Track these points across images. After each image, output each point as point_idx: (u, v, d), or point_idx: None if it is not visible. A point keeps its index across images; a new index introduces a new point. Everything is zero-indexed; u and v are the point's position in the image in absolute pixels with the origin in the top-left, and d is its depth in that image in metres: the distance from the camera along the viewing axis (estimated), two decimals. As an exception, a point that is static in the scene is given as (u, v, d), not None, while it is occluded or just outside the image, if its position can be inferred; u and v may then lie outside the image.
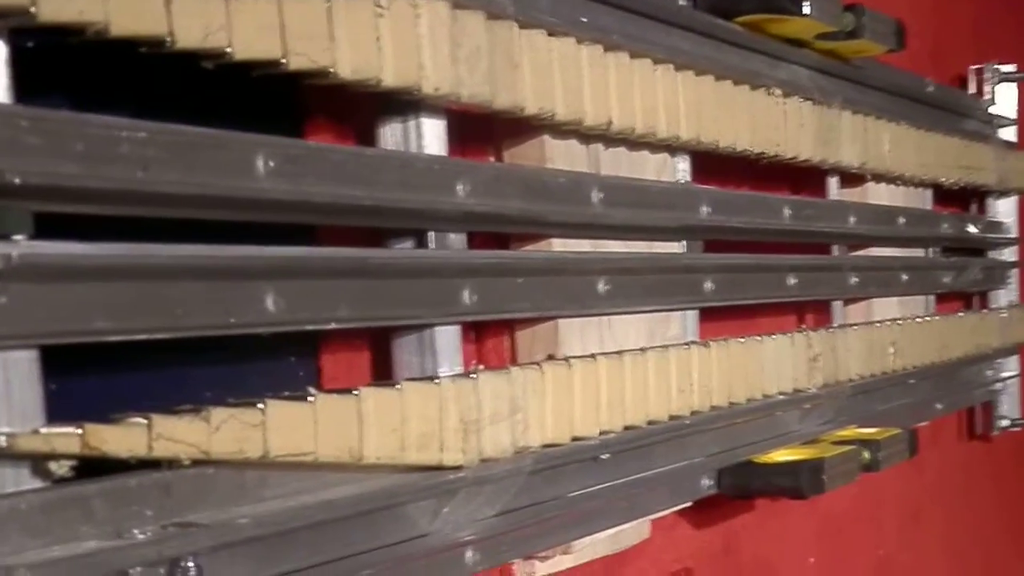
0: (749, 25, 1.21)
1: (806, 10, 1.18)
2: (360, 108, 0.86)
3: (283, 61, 0.72)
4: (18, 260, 0.60)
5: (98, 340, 0.65)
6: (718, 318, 1.26)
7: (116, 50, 0.65)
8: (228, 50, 0.69)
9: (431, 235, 0.87)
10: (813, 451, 1.30)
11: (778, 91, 1.26)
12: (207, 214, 0.71)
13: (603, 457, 1.00)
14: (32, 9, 0.59)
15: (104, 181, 0.64)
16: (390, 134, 0.86)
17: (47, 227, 0.63)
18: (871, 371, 1.48)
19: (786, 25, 1.23)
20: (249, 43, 0.70)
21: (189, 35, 0.67)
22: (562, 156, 1.00)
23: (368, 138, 0.87)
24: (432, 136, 0.86)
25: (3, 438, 0.61)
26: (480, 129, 0.97)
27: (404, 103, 0.85)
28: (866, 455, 1.33)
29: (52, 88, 0.67)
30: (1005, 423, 2.06)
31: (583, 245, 1.02)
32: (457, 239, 0.88)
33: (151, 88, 0.74)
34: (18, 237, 0.61)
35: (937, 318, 1.73)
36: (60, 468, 0.64)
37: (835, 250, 1.47)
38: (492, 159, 0.99)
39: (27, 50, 0.64)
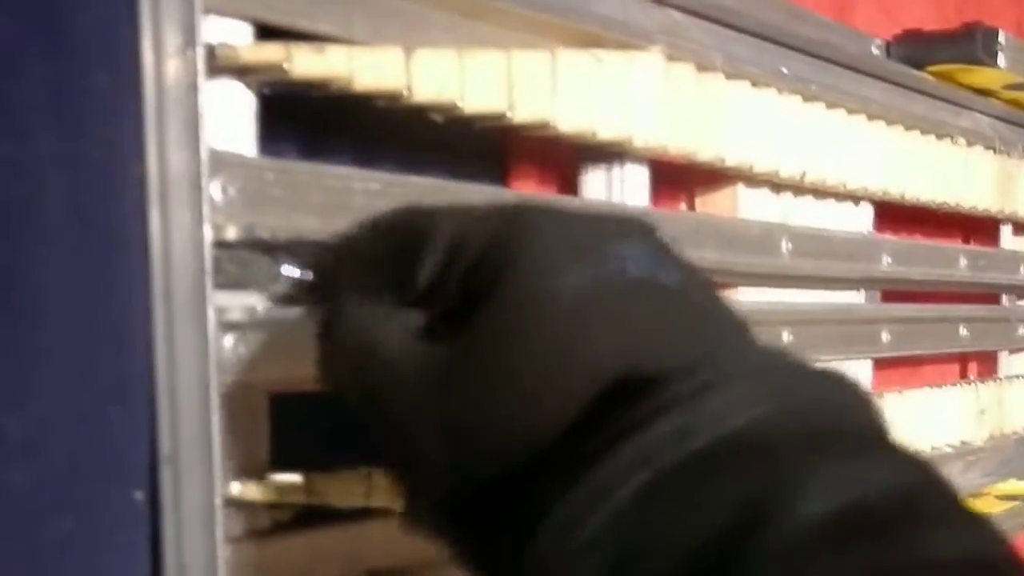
0: (939, 75, 1.19)
1: (1001, 62, 1.17)
2: (563, 153, 0.86)
3: (508, 114, 0.73)
4: (262, 313, 0.61)
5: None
6: (887, 367, 1.25)
7: (334, 100, 0.66)
8: (459, 104, 0.70)
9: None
10: (977, 505, 1.27)
11: (961, 140, 1.24)
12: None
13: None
14: (286, 66, 0.60)
15: (338, 232, 0.64)
16: (593, 181, 0.86)
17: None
18: (1035, 424, 1.45)
19: (976, 75, 1.21)
20: (478, 96, 0.71)
21: (425, 90, 0.67)
22: (753, 205, 0.99)
23: (570, 183, 0.87)
24: (635, 185, 0.86)
25: (237, 485, 0.62)
26: (674, 175, 0.96)
27: (610, 152, 0.85)
28: (1030, 511, 1.31)
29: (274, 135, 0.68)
30: None
31: (769, 294, 1.01)
32: (654, 289, 0.88)
33: (355, 134, 0.74)
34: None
35: (1100, 369, 1.69)
36: (283, 515, 0.65)
37: (1004, 300, 1.45)
38: (684, 205, 0.99)
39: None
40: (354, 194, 0.65)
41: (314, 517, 0.67)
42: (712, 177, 0.97)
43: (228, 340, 0.60)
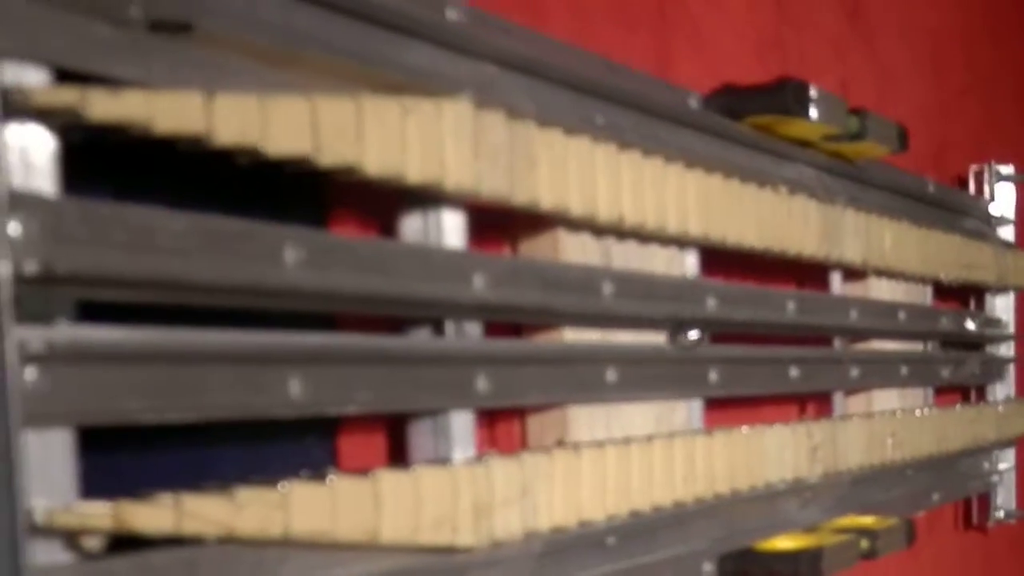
0: (757, 126, 1.25)
1: (812, 114, 1.23)
2: (383, 199, 0.90)
3: (313, 158, 0.76)
4: (61, 345, 0.63)
5: (132, 421, 0.68)
6: (722, 406, 1.29)
7: (152, 145, 0.69)
8: (261, 147, 0.73)
9: (448, 324, 0.90)
10: (812, 539, 1.32)
11: (784, 189, 1.29)
12: (237, 302, 0.74)
13: (609, 541, 1.02)
14: (81, 108, 0.63)
15: (143, 270, 0.67)
16: (411, 226, 0.90)
17: (87, 309, 0.67)
18: (870, 462, 1.50)
19: (793, 127, 1.27)
20: (281, 141, 0.74)
21: (226, 133, 0.71)
22: (575, 249, 1.03)
23: (390, 229, 0.91)
24: (451, 229, 0.90)
25: (40, 513, 0.64)
26: (497, 221, 1.00)
27: (426, 197, 0.88)
28: (864, 544, 1.36)
29: (91, 180, 0.70)
30: (1000, 515, 2.08)
31: (593, 335, 1.05)
32: (473, 328, 0.92)
33: (185, 181, 0.77)
34: (60, 322, 0.64)
35: (935, 410, 1.75)
36: (91, 543, 0.67)
37: (837, 343, 1.50)
38: (508, 250, 1.03)
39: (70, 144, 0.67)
40: (157, 233, 0.68)
41: (130, 545, 0.69)
42: (533, 222, 1.01)
43: (30, 372, 0.62)
